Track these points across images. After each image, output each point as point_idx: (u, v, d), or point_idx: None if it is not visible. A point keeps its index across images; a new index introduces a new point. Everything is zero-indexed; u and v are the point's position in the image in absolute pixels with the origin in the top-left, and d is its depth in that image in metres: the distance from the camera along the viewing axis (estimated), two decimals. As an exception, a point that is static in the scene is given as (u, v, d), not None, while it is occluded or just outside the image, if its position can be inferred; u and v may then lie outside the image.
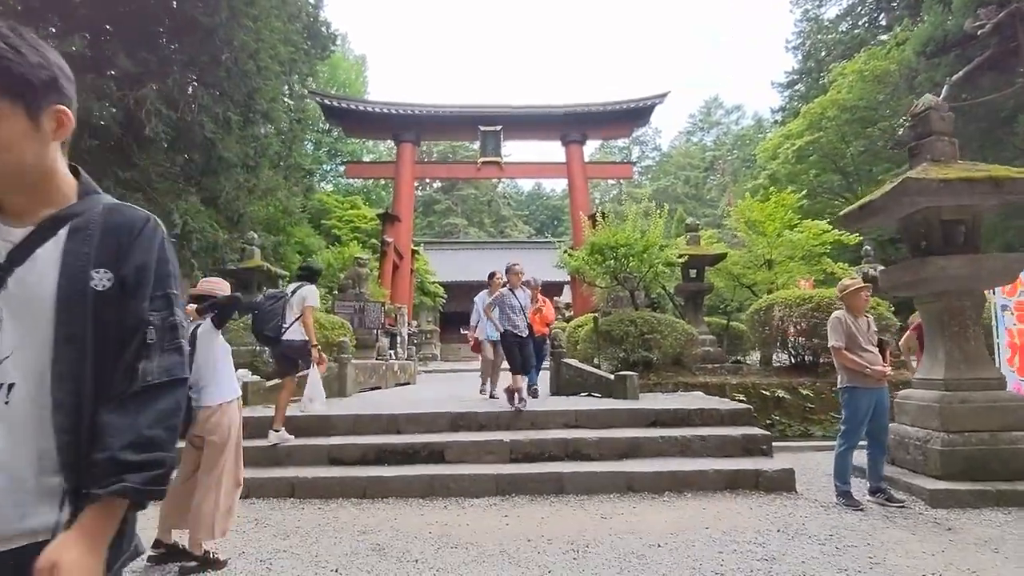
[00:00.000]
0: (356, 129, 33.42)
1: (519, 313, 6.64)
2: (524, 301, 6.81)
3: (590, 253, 12.56)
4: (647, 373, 12.10)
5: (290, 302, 6.07)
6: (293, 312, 6.04)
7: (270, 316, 5.92)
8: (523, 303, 6.76)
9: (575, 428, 6.06)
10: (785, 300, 11.89)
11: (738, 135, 55.78)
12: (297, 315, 6.04)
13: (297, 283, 6.32)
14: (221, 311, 3.84)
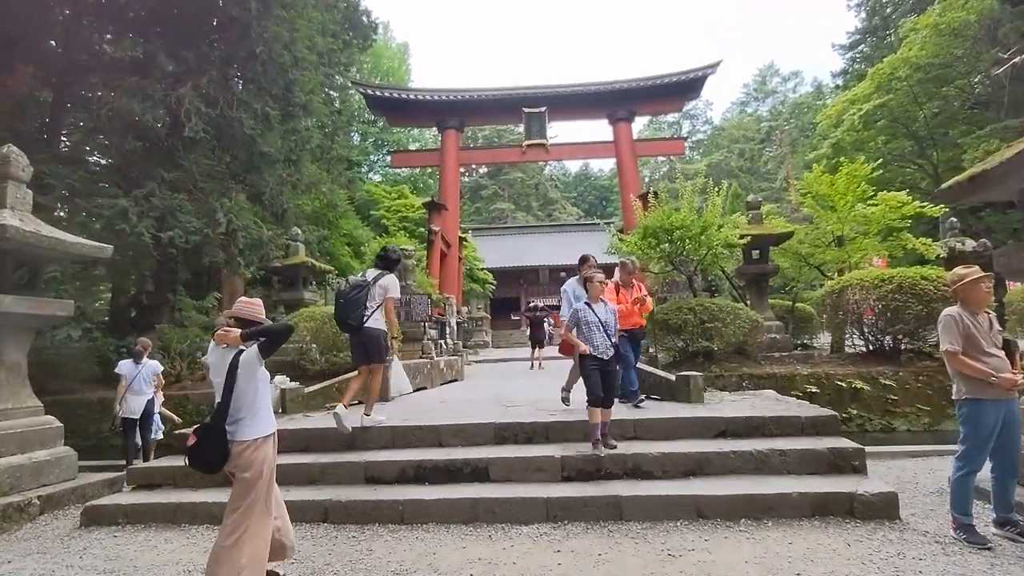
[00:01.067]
0: (400, 118, 33.16)
1: (599, 330, 5.36)
2: (605, 316, 5.44)
3: (643, 237, 11.79)
4: (708, 364, 11.31)
5: (372, 291, 6.12)
6: (375, 301, 6.13)
7: (354, 305, 5.99)
8: (603, 319, 5.42)
9: (633, 440, 5.43)
10: (861, 281, 10.89)
11: (796, 103, 52.97)
12: (378, 304, 6.15)
13: (376, 271, 6.34)
14: (270, 339, 3.48)
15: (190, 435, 3.28)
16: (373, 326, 6.12)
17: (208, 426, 3.28)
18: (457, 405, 7.40)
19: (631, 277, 7.09)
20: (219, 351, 3.42)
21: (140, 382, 7.91)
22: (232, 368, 3.27)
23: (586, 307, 5.51)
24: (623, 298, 6.78)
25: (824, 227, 13.72)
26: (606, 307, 5.57)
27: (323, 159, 16.97)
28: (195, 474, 5.58)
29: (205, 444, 3.24)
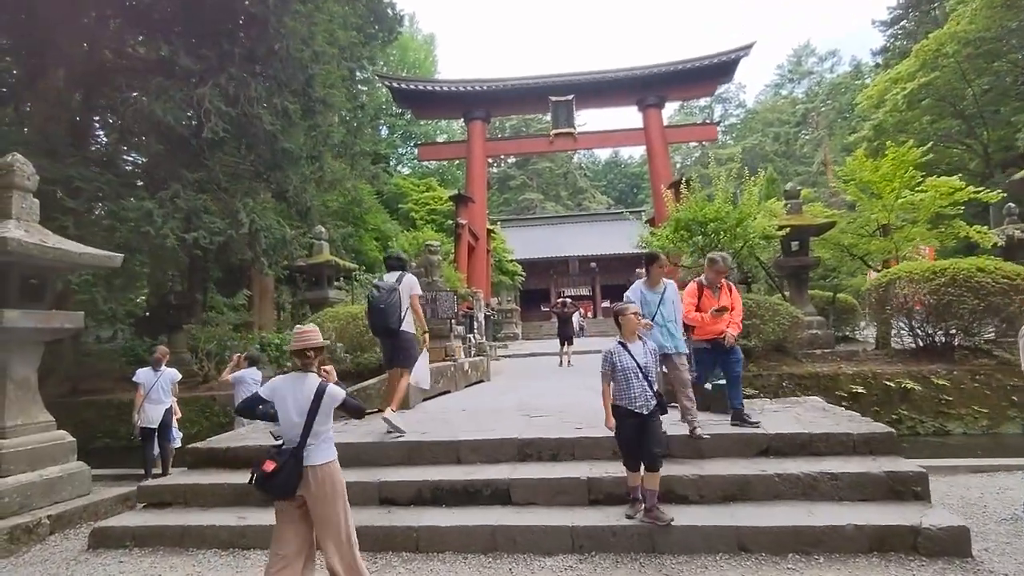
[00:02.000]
0: (426, 110, 32.91)
1: (638, 377, 4.27)
2: (644, 359, 4.37)
3: (675, 230, 11.26)
4: (745, 363, 10.76)
5: (400, 294, 6.30)
6: (405, 303, 6.34)
7: (392, 309, 6.20)
8: (643, 362, 4.34)
9: (666, 458, 5.00)
10: (911, 274, 10.22)
11: (833, 84, 51.09)
12: (407, 305, 6.37)
13: (395, 273, 6.53)
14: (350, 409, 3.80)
15: (266, 462, 3.37)
16: (408, 330, 6.35)
17: (288, 451, 3.41)
18: (479, 414, 7.06)
19: (720, 277, 5.93)
20: (292, 379, 3.57)
21: (158, 391, 7.78)
22: (318, 397, 3.44)
23: (620, 348, 4.40)
24: (705, 304, 5.80)
25: (867, 215, 12.98)
26: (644, 346, 4.46)
27: (346, 155, 16.75)
28: (206, 492, 5.39)
29: (286, 469, 3.35)
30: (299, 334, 3.65)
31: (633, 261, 38.98)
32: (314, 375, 3.56)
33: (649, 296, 5.56)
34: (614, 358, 4.39)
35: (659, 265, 5.69)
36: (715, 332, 5.78)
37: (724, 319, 5.76)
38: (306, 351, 3.55)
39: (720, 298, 5.84)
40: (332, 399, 3.50)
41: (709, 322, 5.77)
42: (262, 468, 3.35)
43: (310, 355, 3.57)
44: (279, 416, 3.52)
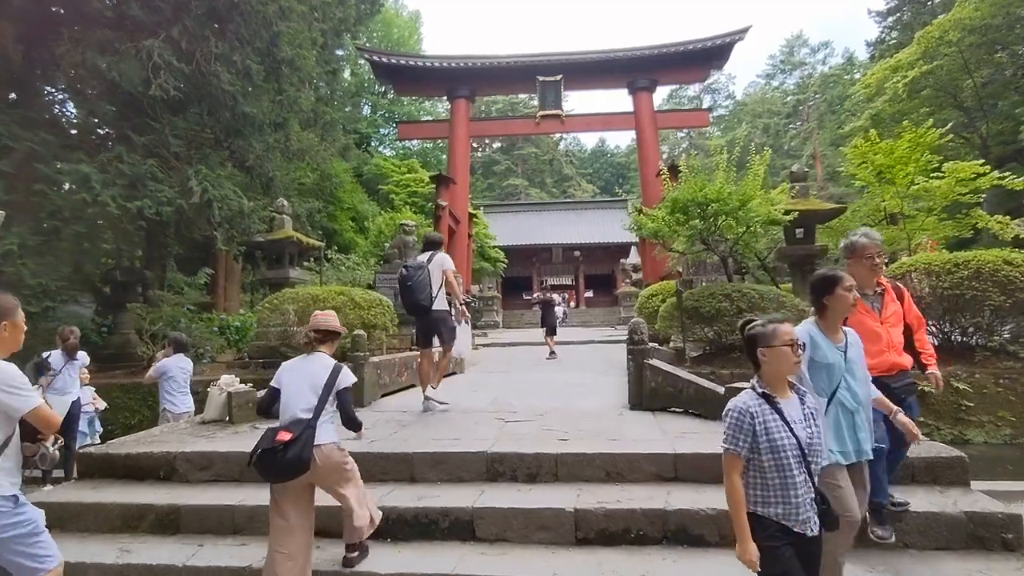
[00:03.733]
0: (408, 86, 31.36)
1: (800, 463, 2.41)
2: (809, 429, 2.47)
3: (671, 212, 10.21)
4: (746, 360, 9.82)
5: (431, 272, 6.18)
6: (437, 281, 6.20)
7: (421, 286, 6.09)
8: (804, 434, 2.43)
9: (674, 483, 3.97)
10: (929, 266, 9.26)
11: (825, 76, 50.35)
12: (440, 283, 6.24)
13: (427, 253, 6.45)
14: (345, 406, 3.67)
15: (280, 432, 3.24)
16: (439, 308, 6.26)
17: (304, 422, 3.30)
18: (444, 416, 5.97)
19: (875, 272, 3.53)
20: (301, 360, 3.64)
21: (65, 379, 6.53)
22: (335, 374, 3.49)
23: (763, 405, 2.43)
24: (864, 324, 3.38)
25: (874, 203, 12.05)
26: (802, 404, 2.51)
27: (317, 124, 15.45)
28: (87, 514, 4.22)
29: (303, 439, 3.21)
30: (319, 317, 3.73)
31: (618, 251, 38.22)
32: (326, 355, 3.63)
33: (828, 351, 2.95)
34: (757, 422, 2.38)
35: (843, 289, 2.96)
36: (885, 367, 3.42)
37: (889, 341, 3.49)
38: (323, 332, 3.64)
39: (885, 309, 3.55)
40: (345, 379, 3.55)
41: (883, 345, 3.44)
42: (275, 439, 3.19)
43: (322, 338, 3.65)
44: (284, 398, 3.46)
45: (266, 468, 3.21)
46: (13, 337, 2.78)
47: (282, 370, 3.61)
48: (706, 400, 5.16)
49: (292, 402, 3.42)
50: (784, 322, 2.54)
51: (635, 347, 5.83)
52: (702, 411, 5.21)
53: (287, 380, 3.52)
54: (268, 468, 3.20)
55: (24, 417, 2.65)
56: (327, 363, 3.54)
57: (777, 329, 2.49)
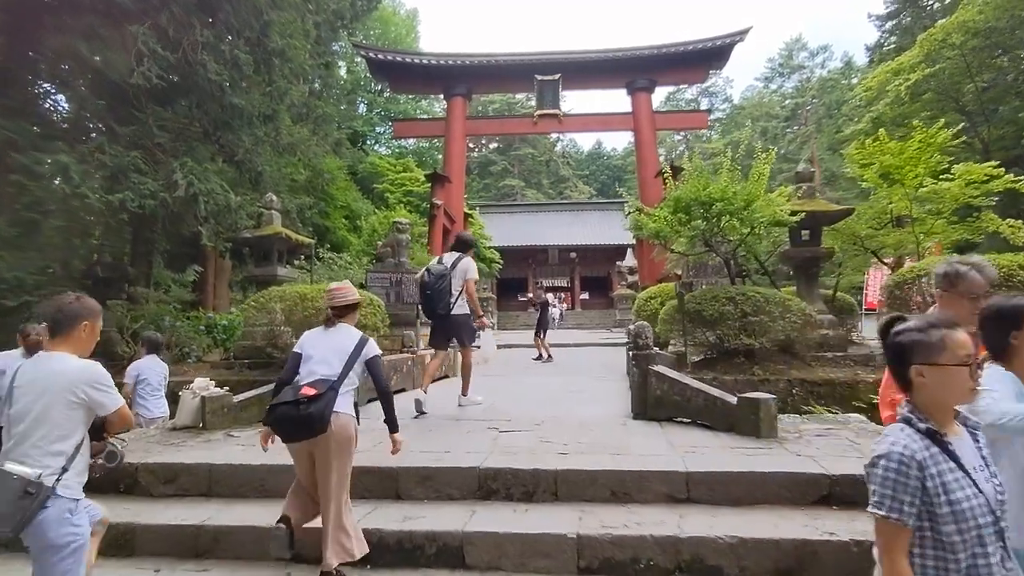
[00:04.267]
0: (404, 84, 31.04)
1: (994, 530, 1.64)
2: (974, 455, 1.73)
3: (673, 211, 9.83)
4: (749, 365, 9.44)
5: (452, 278, 6.26)
6: (457, 287, 6.30)
7: (441, 295, 6.18)
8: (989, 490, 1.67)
9: (687, 504, 3.58)
10: (941, 270, 8.87)
11: (823, 80, 50.18)
12: (460, 289, 6.32)
13: (454, 255, 6.53)
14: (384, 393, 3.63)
15: (305, 387, 3.17)
16: (458, 312, 6.34)
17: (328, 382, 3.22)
18: (434, 424, 5.56)
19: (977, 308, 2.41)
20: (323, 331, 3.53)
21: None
22: (361, 345, 3.42)
23: (932, 448, 1.65)
24: None
25: (879, 204, 11.71)
26: (976, 443, 1.78)
27: (309, 118, 15.03)
28: None
29: (326, 398, 3.15)
30: (331, 291, 3.62)
31: (614, 253, 37.83)
32: (351, 327, 3.58)
33: None
34: (928, 475, 1.62)
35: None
36: None
37: None
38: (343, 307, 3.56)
39: None
40: (373, 349, 3.49)
41: None
42: (300, 392, 3.12)
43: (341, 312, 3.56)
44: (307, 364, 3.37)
45: (285, 422, 3.12)
46: (91, 339, 2.79)
47: (305, 337, 3.56)
48: (717, 411, 4.77)
49: (316, 367, 3.32)
50: (954, 326, 1.72)
51: (639, 352, 5.45)
52: (712, 422, 4.81)
53: (310, 346, 3.45)
54: (287, 422, 3.11)
55: (109, 416, 2.67)
56: (352, 333, 3.50)
57: (946, 338, 1.68)
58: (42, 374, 2.58)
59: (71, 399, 2.54)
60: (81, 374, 2.59)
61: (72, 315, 2.71)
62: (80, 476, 2.60)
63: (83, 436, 2.63)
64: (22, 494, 2.34)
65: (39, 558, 2.45)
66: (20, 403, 2.53)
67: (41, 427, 2.50)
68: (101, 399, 2.61)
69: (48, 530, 2.40)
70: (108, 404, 2.64)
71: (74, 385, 2.55)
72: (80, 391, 2.55)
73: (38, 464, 2.43)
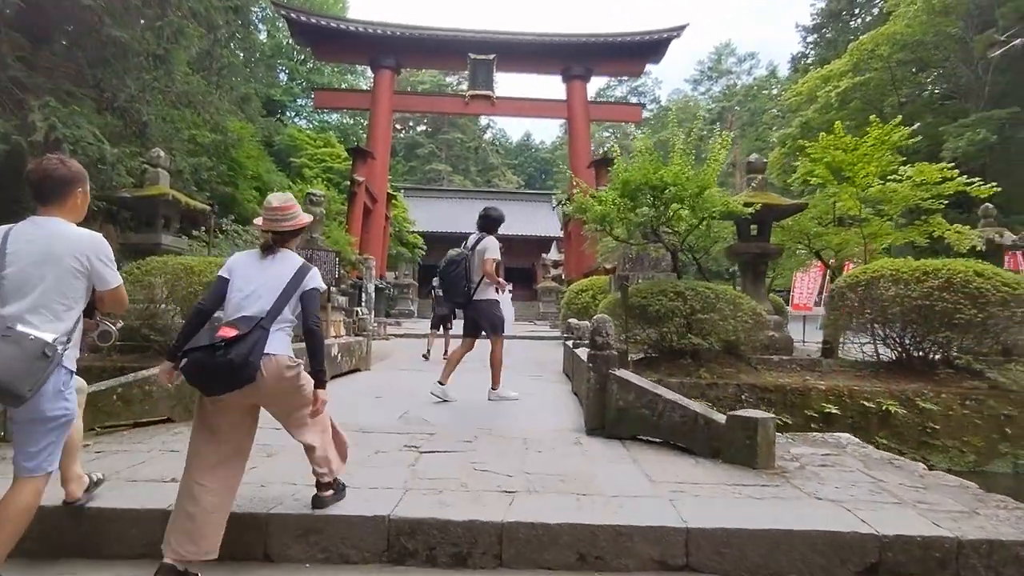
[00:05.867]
0: (329, 52, 28.94)
1: None
2: None
3: (622, 195, 8.88)
4: (696, 367, 8.64)
5: (473, 261, 6.00)
6: (477, 270, 5.97)
7: (456, 283, 5.95)
8: None
9: (686, 574, 2.51)
10: (897, 273, 8.45)
11: (748, 87, 51.52)
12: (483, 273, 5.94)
13: (477, 235, 6.29)
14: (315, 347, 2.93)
15: (223, 327, 2.57)
16: (481, 298, 5.97)
17: (254, 320, 2.61)
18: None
19: None
20: (257, 255, 2.91)
21: None
22: (300, 275, 2.80)
23: None
24: None
25: (828, 203, 11.30)
26: None
27: (211, 68, 13.07)
28: None
29: (252, 338, 2.53)
30: (273, 210, 2.88)
31: (539, 244, 37.10)
32: (292, 253, 2.99)
33: None
34: None
35: None
36: None
37: None
38: (280, 232, 2.89)
39: None
40: (314, 279, 2.89)
41: None
42: (217, 334, 2.52)
43: (283, 239, 2.91)
44: (233, 295, 2.75)
45: (199, 372, 2.54)
46: (84, 206, 2.63)
47: (234, 262, 2.90)
48: (699, 431, 3.75)
49: (242, 300, 2.73)
50: None
51: (598, 353, 4.36)
52: (691, 445, 3.80)
53: (242, 276, 2.80)
54: (201, 372, 2.54)
55: (106, 293, 2.52)
56: (292, 260, 2.90)
57: None
58: (41, 237, 2.38)
59: (74, 267, 2.40)
60: (85, 242, 2.43)
61: (64, 180, 2.48)
62: (75, 350, 2.47)
63: (82, 310, 2.50)
64: (40, 355, 2.24)
65: (26, 428, 2.35)
66: (15, 266, 2.34)
67: (44, 294, 2.35)
68: (103, 272, 2.47)
69: (44, 401, 2.31)
70: (109, 279, 2.51)
71: (78, 252, 2.40)
72: (84, 259, 2.41)
73: (47, 330, 2.31)
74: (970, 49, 21.58)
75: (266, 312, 2.66)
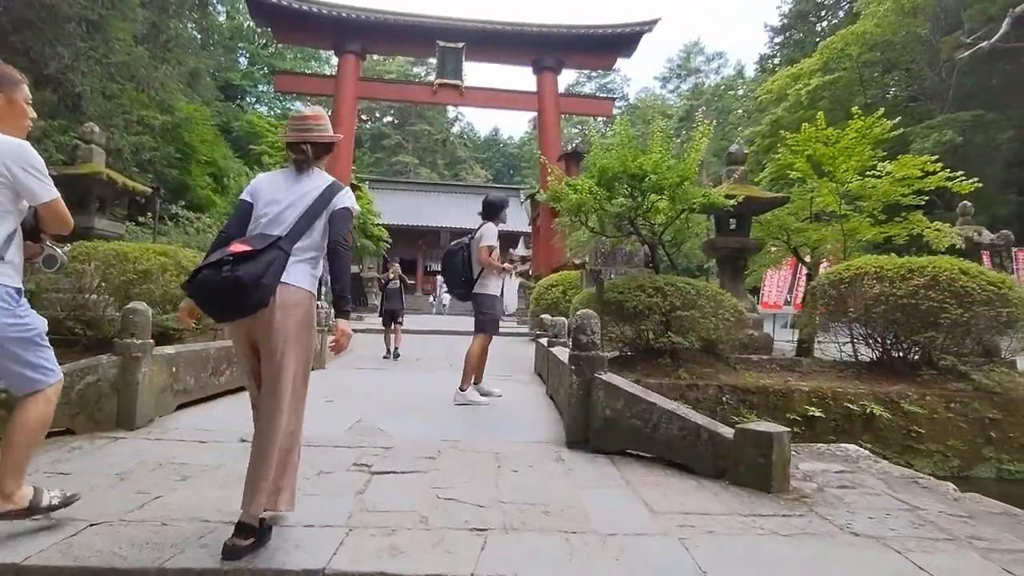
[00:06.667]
0: (290, 33, 27.74)
1: None
2: None
3: (599, 182, 8.34)
4: (674, 367, 8.18)
5: (472, 251, 5.71)
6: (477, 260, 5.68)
7: (455, 274, 5.73)
8: None
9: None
10: (880, 270, 8.13)
11: (715, 87, 51.81)
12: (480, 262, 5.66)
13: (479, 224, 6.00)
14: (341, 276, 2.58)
15: (236, 242, 2.25)
16: (480, 292, 5.73)
17: (272, 238, 2.28)
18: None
19: None
20: (284, 175, 2.57)
21: None
22: (327, 196, 2.45)
23: None
24: None
25: (806, 198, 10.98)
26: None
27: (157, 41, 12.06)
28: None
29: (266, 258, 2.20)
30: (303, 119, 2.57)
31: (507, 239, 36.46)
32: (322, 171, 2.59)
33: None
34: None
35: None
36: None
37: None
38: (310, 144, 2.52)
39: None
40: (345, 199, 2.54)
41: None
42: (228, 250, 2.20)
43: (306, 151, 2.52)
44: (256, 220, 2.43)
45: (203, 291, 2.20)
46: (11, 112, 2.33)
47: (259, 183, 2.59)
48: (700, 446, 3.21)
49: (266, 224, 2.39)
50: None
51: (582, 354, 3.79)
52: (691, 462, 3.25)
53: (265, 197, 2.48)
54: (205, 291, 2.19)
55: (41, 208, 2.29)
56: (321, 177, 2.55)
57: None
58: None
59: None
60: (3, 149, 2.19)
61: None
62: (13, 270, 2.24)
63: (13, 227, 2.25)
64: None
65: None
66: None
67: None
68: (29, 183, 2.21)
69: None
70: (38, 191, 2.24)
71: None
72: (2, 168, 2.17)
73: None
74: (936, 51, 21.75)
75: (286, 232, 2.33)
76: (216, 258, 2.20)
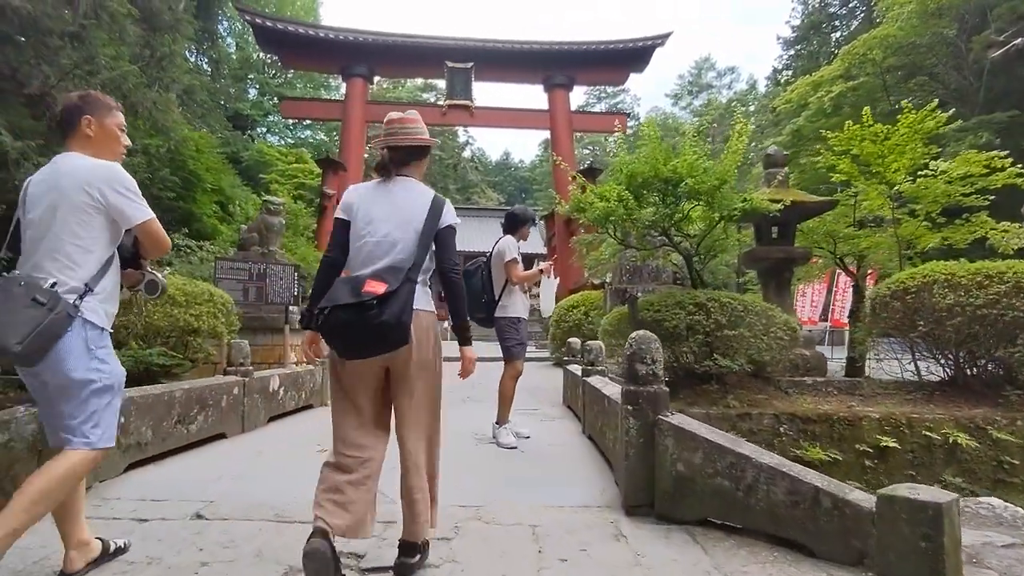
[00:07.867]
0: (297, 60, 27.42)
1: None
2: None
3: (628, 187, 7.48)
4: (721, 394, 7.23)
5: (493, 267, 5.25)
6: (499, 281, 5.24)
7: (474, 296, 5.07)
8: None
9: None
10: (952, 277, 7.18)
11: (728, 102, 51.16)
12: (503, 280, 5.21)
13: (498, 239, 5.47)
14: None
15: (367, 282, 2.11)
16: (502, 315, 5.19)
17: (401, 272, 2.18)
18: (241, 534, 2.68)
19: None
20: (377, 186, 2.44)
21: None
22: (436, 210, 2.35)
23: None
24: None
25: (847, 204, 10.06)
26: None
27: (152, 60, 11.49)
28: None
29: (403, 294, 2.12)
30: (391, 122, 2.48)
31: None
32: (416, 181, 2.49)
33: None
34: None
35: None
36: None
37: None
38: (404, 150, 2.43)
39: None
40: (450, 217, 2.44)
41: None
42: (364, 289, 2.06)
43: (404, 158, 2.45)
44: (359, 241, 2.29)
45: (348, 334, 2.04)
46: (102, 136, 2.26)
47: (353, 199, 2.38)
48: (821, 518, 2.27)
49: (374, 246, 2.25)
50: None
51: (642, 389, 2.88)
52: (810, 542, 2.30)
53: (363, 214, 2.31)
54: (351, 333, 2.03)
55: (136, 231, 2.21)
56: (419, 191, 2.41)
57: None
58: (51, 175, 2.17)
59: (84, 200, 2.10)
60: (94, 172, 2.14)
61: (68, 110, 2.24)
62: (108, 304, 2.15)
63: (110, 255, 2.18)
64: (28, 303, 1.92)
65: (57, 396, 2.00)
66: (33, 212, 2.12)
67: (53, 235, 2.07)
68: (121, 205, 2.13)
69: (66, 359, 1.96)
70: (131, 213, 2.15)
71: (86, 184, 2.11)
72: (94, 191, 2.11)
73: (51, 276, 2.02)
74: (962, 53, 20.84)
75: (412, 262, 2.23)
76: (351, 299, 2.05)
